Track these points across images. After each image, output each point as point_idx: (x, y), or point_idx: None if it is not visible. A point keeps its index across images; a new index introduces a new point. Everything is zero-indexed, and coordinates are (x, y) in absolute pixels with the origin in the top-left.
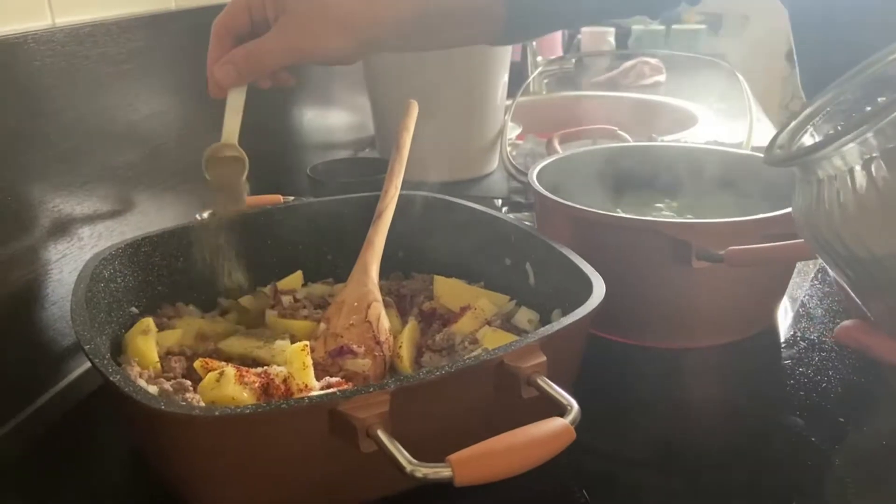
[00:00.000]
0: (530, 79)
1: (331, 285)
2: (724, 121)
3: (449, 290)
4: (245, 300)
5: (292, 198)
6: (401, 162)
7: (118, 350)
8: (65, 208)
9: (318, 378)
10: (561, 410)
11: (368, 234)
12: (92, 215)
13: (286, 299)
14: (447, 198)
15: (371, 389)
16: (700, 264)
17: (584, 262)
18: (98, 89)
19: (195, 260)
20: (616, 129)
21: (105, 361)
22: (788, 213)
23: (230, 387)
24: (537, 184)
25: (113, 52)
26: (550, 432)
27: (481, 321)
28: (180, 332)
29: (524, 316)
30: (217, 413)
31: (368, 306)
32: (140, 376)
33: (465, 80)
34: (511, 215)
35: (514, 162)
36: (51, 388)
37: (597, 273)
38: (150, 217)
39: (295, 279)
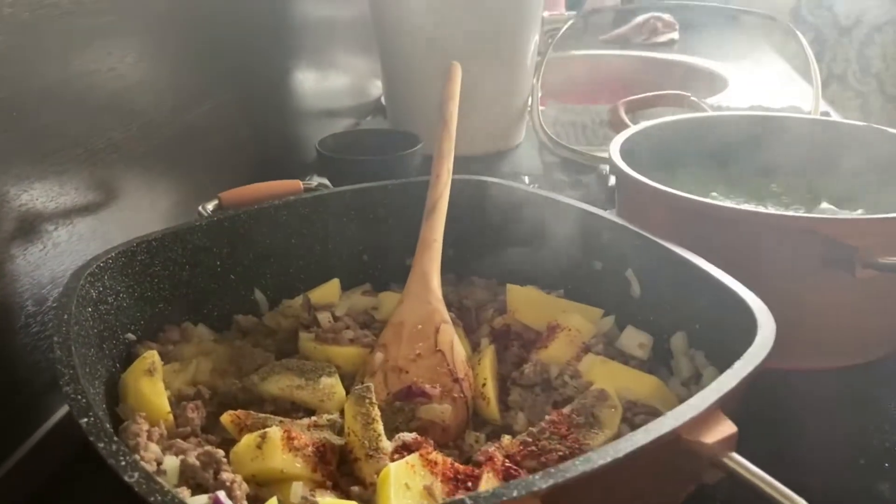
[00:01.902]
0: (563, 28)
1: (372, 295)
2: (754, 82)
3: (526, 302)
4: (270, 318)
5: (315, 182)
6: (450, 138)
7: (114, 394)
8: (34, 205)
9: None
10: None
11: (422, 233)
12: (69, 212)
13: (323, 317)
14: (513, 185)
15: (515, 494)
16: (866, 273)
17: (726, 275)
18: (72, 49)
19: (205, 268)
20: (689, 94)
21: (117, 449)
22: None
23: (277, 456)
24: (623, 164)
25: (89, 1)
26: None
27: (578, 346)
28: (193, 365)
29: (633, 339)
30: None
31: (437, 330)
32: (150, 437)
33: (494, 32)
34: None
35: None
36: (27, 440)
37: (751, 293)
38: (143, 213)
39: (330, 290)
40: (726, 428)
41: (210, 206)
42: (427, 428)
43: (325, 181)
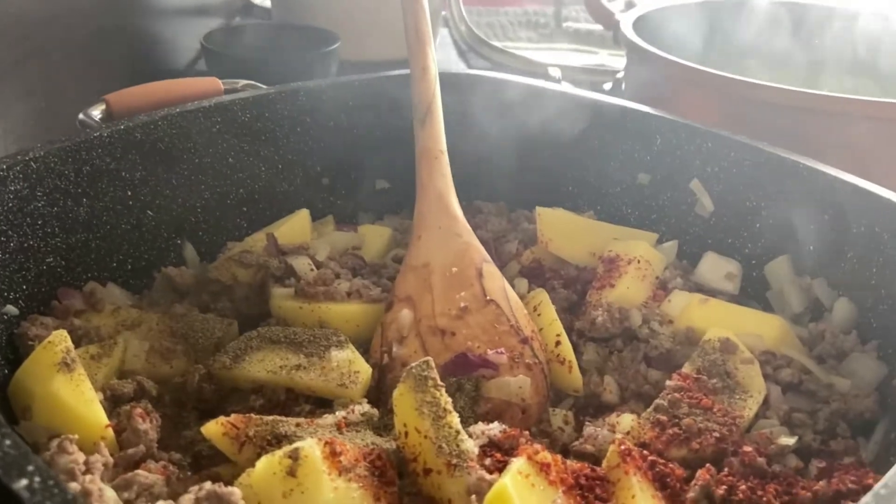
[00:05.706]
0: None
1: (349, 229)
2: None
3: (564, 230)
4: (220, 269)
5: (241, 82)
6: (426, 16)
7: (4, 404)
8: None
9: None
10: None
11: (420, 143)
12: None
13: (301, 264)
14: (515, 78)
15: None
16: None
17: (865, 181)
18: None
19: (111, 200)
20: None
21: None
22: None
23: (325, 485)
24: (656, 49)
25: None
26: None
27: (652, 281)
28: (119, 346)
29: (718, 268)
30: None
31: (479, 273)
32: (95, 472)
33: None
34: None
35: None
36: None
37: None
38: None
39: (299, 224)
40: None
41: (96, 113)
42: (501, 412)
43: (253, 82)
